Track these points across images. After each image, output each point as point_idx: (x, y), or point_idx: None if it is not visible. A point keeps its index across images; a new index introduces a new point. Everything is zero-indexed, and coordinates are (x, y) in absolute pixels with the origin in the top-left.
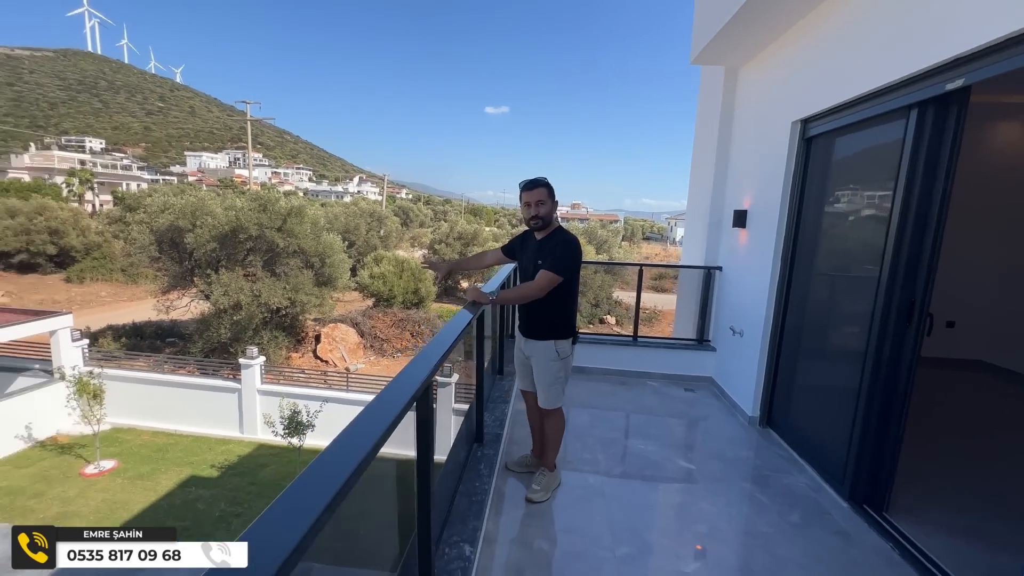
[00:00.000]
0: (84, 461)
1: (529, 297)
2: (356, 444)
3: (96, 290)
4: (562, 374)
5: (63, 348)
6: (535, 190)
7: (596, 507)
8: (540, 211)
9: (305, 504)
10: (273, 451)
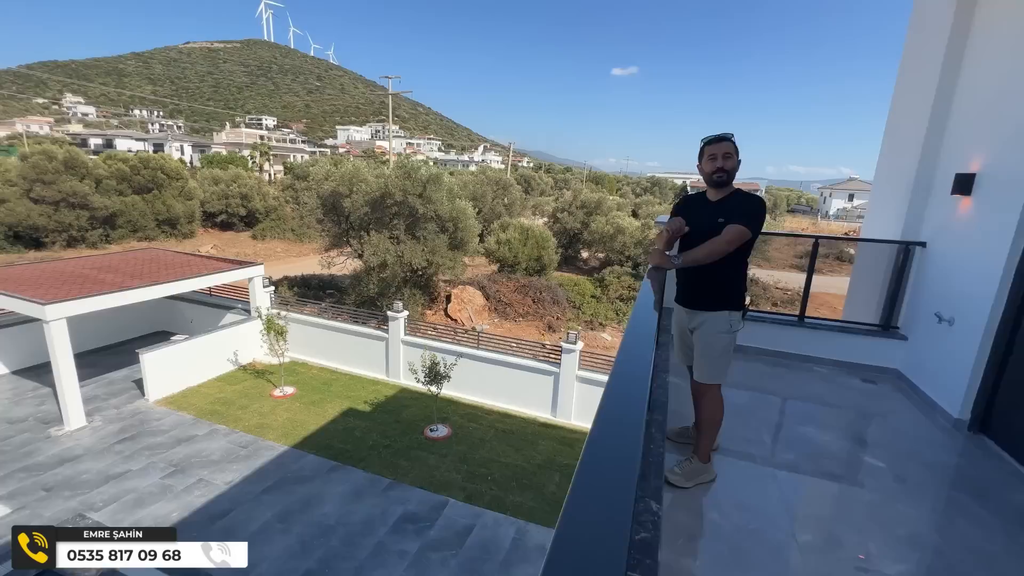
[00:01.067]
0: (272, 385)
1: (716, 254)
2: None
3: (273, 246)
4: (730, 348)
5: (257, 292)
6: (722, 143)
7: (769, 489)
8: (727, 164)
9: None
10: (413, 395)
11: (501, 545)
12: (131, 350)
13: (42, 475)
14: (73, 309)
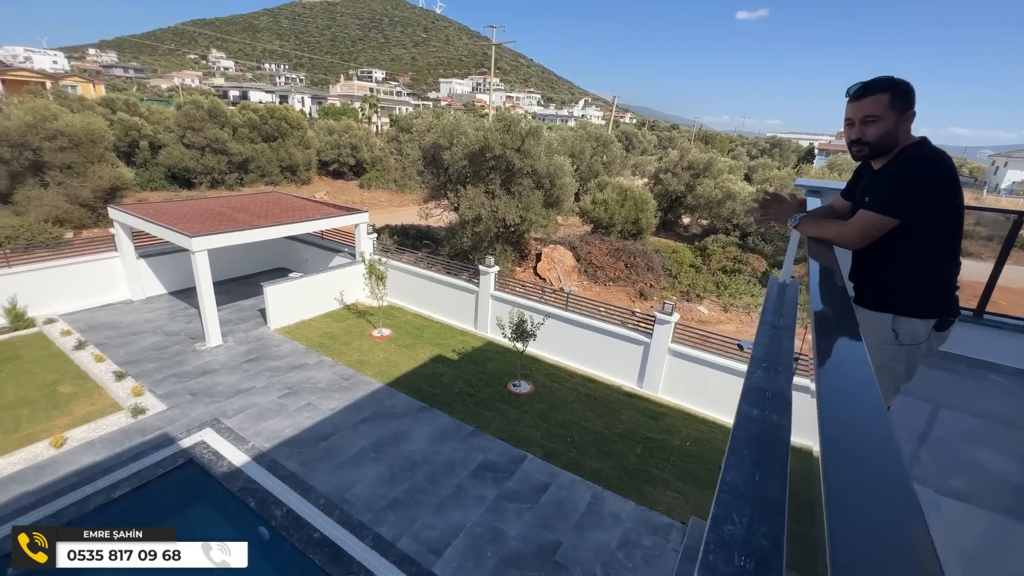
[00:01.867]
0: (371, 326)
1: (838, 241)
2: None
3: (378, 196)
4: (896, 365)
5: (362, 238)
6: (862, 101)
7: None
8: (866, 134)
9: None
10: (499, 349)
11: (576, 507)
12: (257, 283)
13: (189, 382)
14: (213, 243)
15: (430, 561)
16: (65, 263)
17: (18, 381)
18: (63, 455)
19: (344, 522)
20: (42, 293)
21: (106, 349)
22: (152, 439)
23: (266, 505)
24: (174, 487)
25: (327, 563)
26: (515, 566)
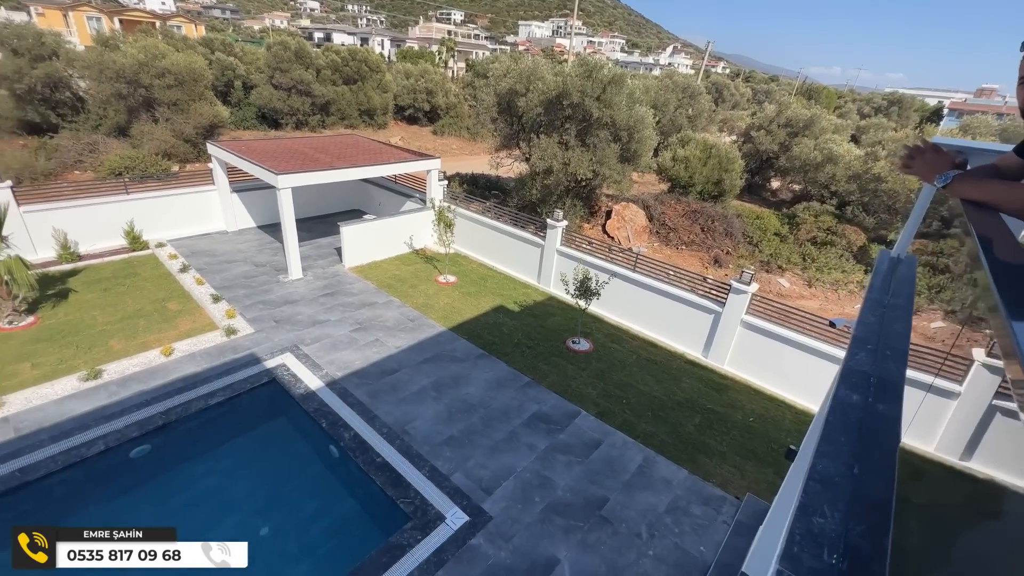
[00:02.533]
0: (437, 272)
1: (1012, 207)
2: None
3: (450, 143)
4: None
5: (433, 185)
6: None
7: None
8: None
9: None
10: (560, 305)
11: (626, 467)
12: (334, 222)
13: (273, 309)
14: (297, 181)
15: (480, 497)
16: (172, 193)
17: (135, 295)
18: (171, 362)
19: (404, 451)
20: (153, 219)
21: (205, 274)
22: (242, 357)
23: (336, 427)
24: (259, 402)
25: (387, 485)
26: (561, 514)
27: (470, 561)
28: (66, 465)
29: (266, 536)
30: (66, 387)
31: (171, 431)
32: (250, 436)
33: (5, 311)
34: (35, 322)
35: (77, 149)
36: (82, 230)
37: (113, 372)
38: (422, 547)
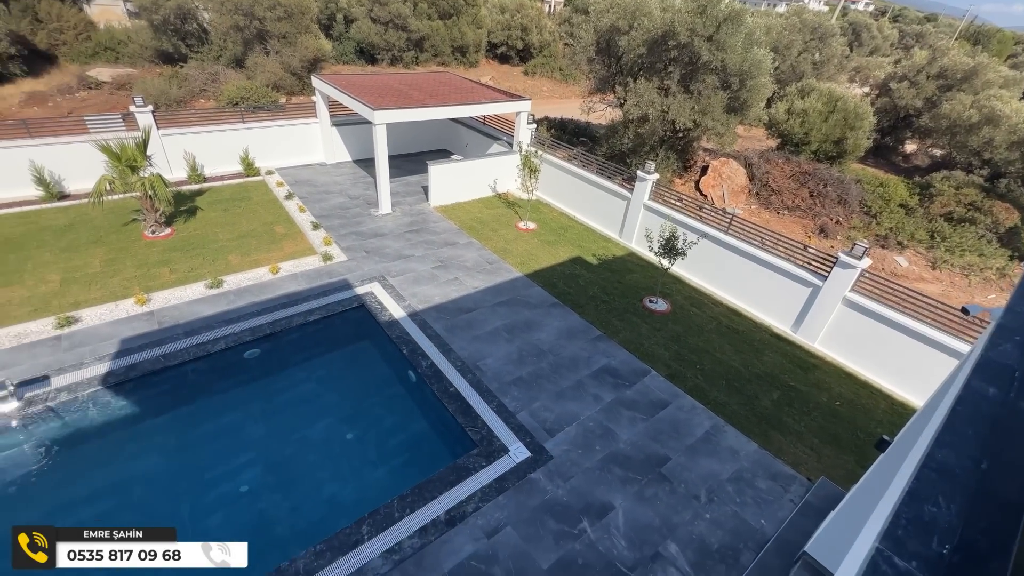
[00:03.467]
0: (518, 217)
1: None
2: None
3: (540, 85)
4: None
5: (521, 128)
6: None
7: None
8: None
9: None
10: (640, 262)
11: (692, 432)
12: (422, 161)
13: (364, 240)
14: (391, 117)
15: (543, 437)
16: (280, 124)
17: (248, 217)
18: (277, 280)
19: (475, 385)
20: (264, 148)
21: (306, 202)
22: (336, 282)
23: (415, 355)
24: (349, 324)
25: (458, 413)
26: (620, 465)
27: (529, 492)
28: (196, 357)
29: (351, 441)
30: (195, 292)
31: (276, 340)
32: (340, 353)
33: (149, 222)
34: (171, 233)
35: (202, 79)
36: (206, 154)
37: (231, 283)
38: (485, 472)
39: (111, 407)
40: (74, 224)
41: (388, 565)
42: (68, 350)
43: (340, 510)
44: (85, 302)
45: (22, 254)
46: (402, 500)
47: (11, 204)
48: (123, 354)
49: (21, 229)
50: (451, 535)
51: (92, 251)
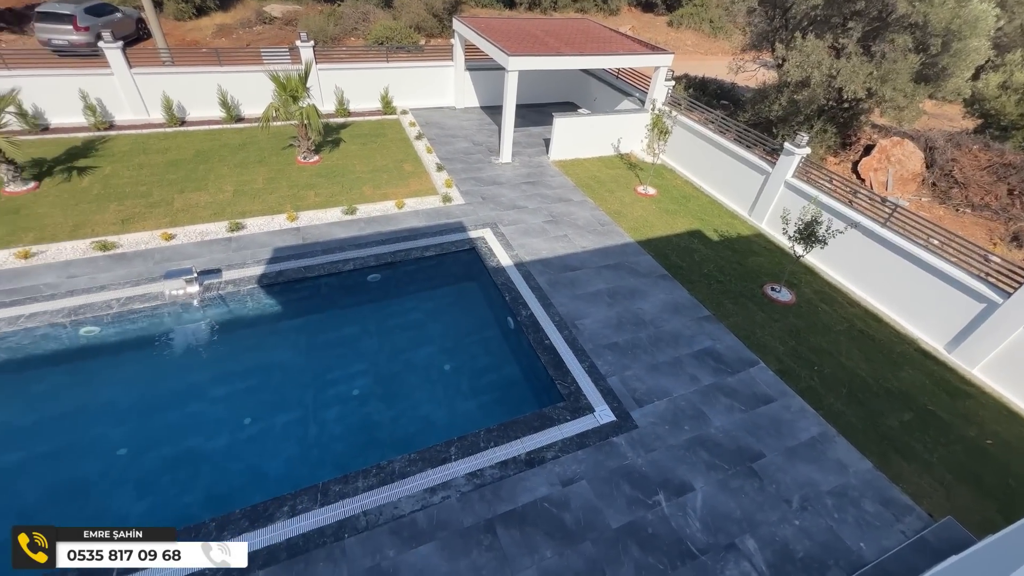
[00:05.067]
0: (638, 181)
1: None
2: None
3: (685, 38)
4: None
5: (657, 84)
6: None
7: None
8: None
9: None
10: (767, 245)
11: (795, 434)
12: (547, 112)
13: (482, 187)
14: (525, 64)
15: (630, 405)
16: (418, 66)
17: (382, 153)
18: (401, 214)
19: (570, 342)
20: (401, 88)
21: (434, 144)
22: (452, 223)
23: (516, 303)
24: (459, 264)
25: (550, 366)
26: (708, 451)
27: (608, 454)
28: (329, 273)
29: (448, 371)
30: (333, 216)
31: (395, 269)
32: (447, 290)
33: (302, 149)
34: (318, 161)
35: (354, 17)
36: (352, 90)
37: (363, 212)
38: (569, 426)
39: (262, 303)
40: (245, 144)
41: (470, 486)
42: (235, 251)
43: (432, 429)
44: (249, 212)
45: (207, 166)
46: (488, 433)
47: (202, 122)
48: (274, 261)
49: (208, 144)
50: (528, 475)
51: (257, 169)
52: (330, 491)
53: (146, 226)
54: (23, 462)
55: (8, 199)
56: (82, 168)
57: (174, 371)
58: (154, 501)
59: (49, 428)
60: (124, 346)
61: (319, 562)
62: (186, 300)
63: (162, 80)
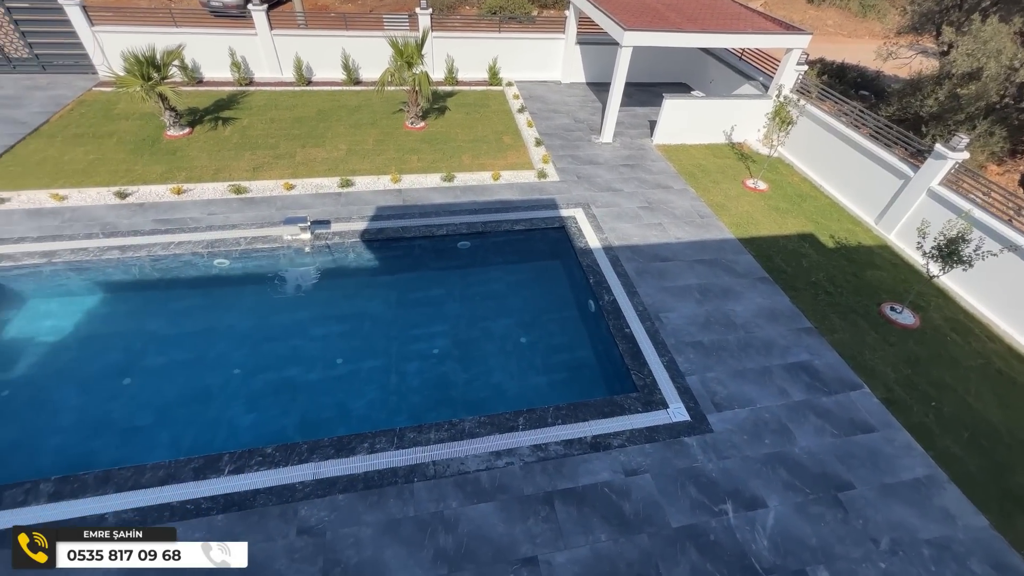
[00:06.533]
0: (748, 174)
1: None
2: None
3: (826, 17)
4: None
5: (786, 69)
6: None
7: None
8: None
9: None
10: (894, 260)
11: (896, 472)
12: (656, 92)
13: (579, 166)
14: (641, 39)
15: (708, 408)
16: (528, 37)
17: (484, 123)
18: (495, 186)
19: (651, 334)
20: (509, 60)
21: (535, 118)
22: (544, 199)
23: (600, 287)
24: (547, 241)
25: (627, 355)
26: (788, 470)
27: (677, 453)
28: (423, 236)
29: (523, 344)
30: (432, 181)
31: (484, 238)
32: (532, 265)
33: (410, 114)
34: (424, 127)
35: None
36: (461, 59)
37: (460, 180)
38: (639, 418)
39: (362, 256)
40: (360, 106)
41: (533, 457)
42: (343, 205)
43: (501, 397)
44: (359, 171)
45: (326, 124)
46: (556, 410)
47: (326, 83)
48: (376, 218)
49: (329, 104)
50: (592, 458)
51: (368, 131)
52: (405, 437)
53: (272, 175)
54: (165, 366)
55: (168, 141)
56: (225, 119)
57: (283, 307)
58: (258, 418)
59: (185, 341)
60: (246, 279)
61: (390, 498)
62: (299, 245)
63: (295, 42)
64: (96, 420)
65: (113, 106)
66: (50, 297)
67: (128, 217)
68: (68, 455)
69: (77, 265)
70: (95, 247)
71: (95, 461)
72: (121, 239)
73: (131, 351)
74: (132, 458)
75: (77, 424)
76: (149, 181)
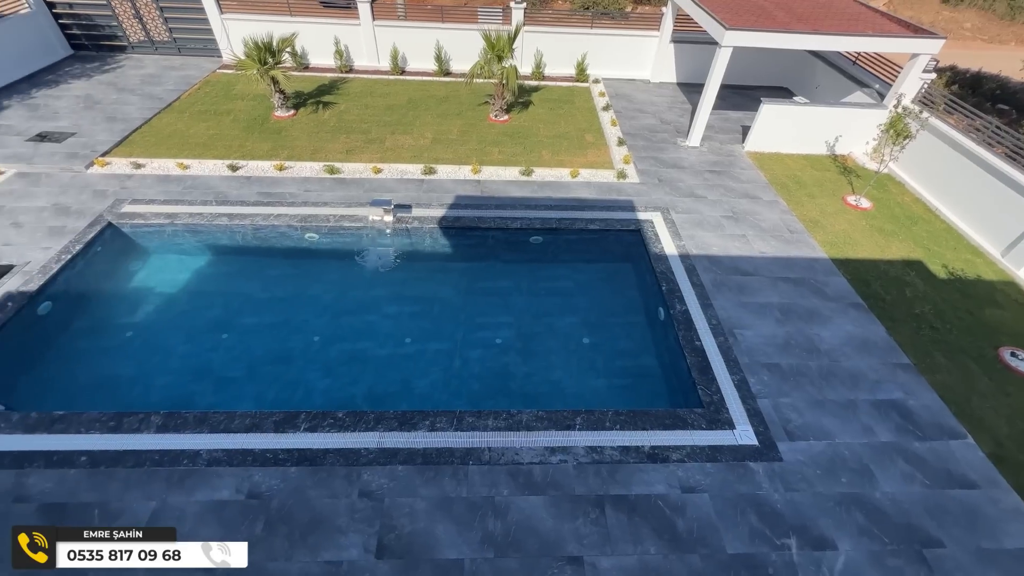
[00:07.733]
0: (851, 190)
1: None
2: None
3: (963, 18)
4: None
5: (911, 75)
6: None
7: None
8: None
9: None
10: (1020, 299)
11: (997, 537)
12: (753, 96)
13: (661, 168)
14: (743, 39)
15: (779, 435)
16: (620, 34)
17: (567, 120)
18: (573, 183)
19: (723, 349)
20: (598, 56)
21: (620, 117)
22: (621, 200)
23: (672, 295)
24: (620, 244)
25: (695, 368)
26: (865, 514)
27: (740, 478)
28: (497, 227)
29: (586, 345)
30: (511, 174)
31: (557, 235)
32: (603, 266)
33: (495, 107)
34: (507, 121)
35: None
36: (550, 54)
37: (538, 175)
38: (702, 435)
39: (438, 243)
40: (448, 97)
41: (588, 458)
42: (425, 192)
43: (560, 395)
44: (442, 160)
45: (415, 113)
46: (616, 415)
47: (417, 73)
48: (455, 207)
49: (419, 94)
50: (648, 468)
51: (454, 121)
52: (464, 420)
53: (362, 159)
54: (256, 326)
55: (276, 121)
56: (326, 103)
57: (362, 283)
58: (331, 384)
59: (275, 305)
60: (332, 254)
61: (446, 476)
62: (382, 227)
63: (394, 33)
64: (198, 367)
65: (232, 87)
66: (168, 254)
67: (237, 188)
68: (173, 394)
69: (192, 227)
70: (208, 212)
71: (194, 403)
72: (230, 207)
73: (230, 309)
74: (223, 404)
75: (182, 368)
76: (257, 157)
